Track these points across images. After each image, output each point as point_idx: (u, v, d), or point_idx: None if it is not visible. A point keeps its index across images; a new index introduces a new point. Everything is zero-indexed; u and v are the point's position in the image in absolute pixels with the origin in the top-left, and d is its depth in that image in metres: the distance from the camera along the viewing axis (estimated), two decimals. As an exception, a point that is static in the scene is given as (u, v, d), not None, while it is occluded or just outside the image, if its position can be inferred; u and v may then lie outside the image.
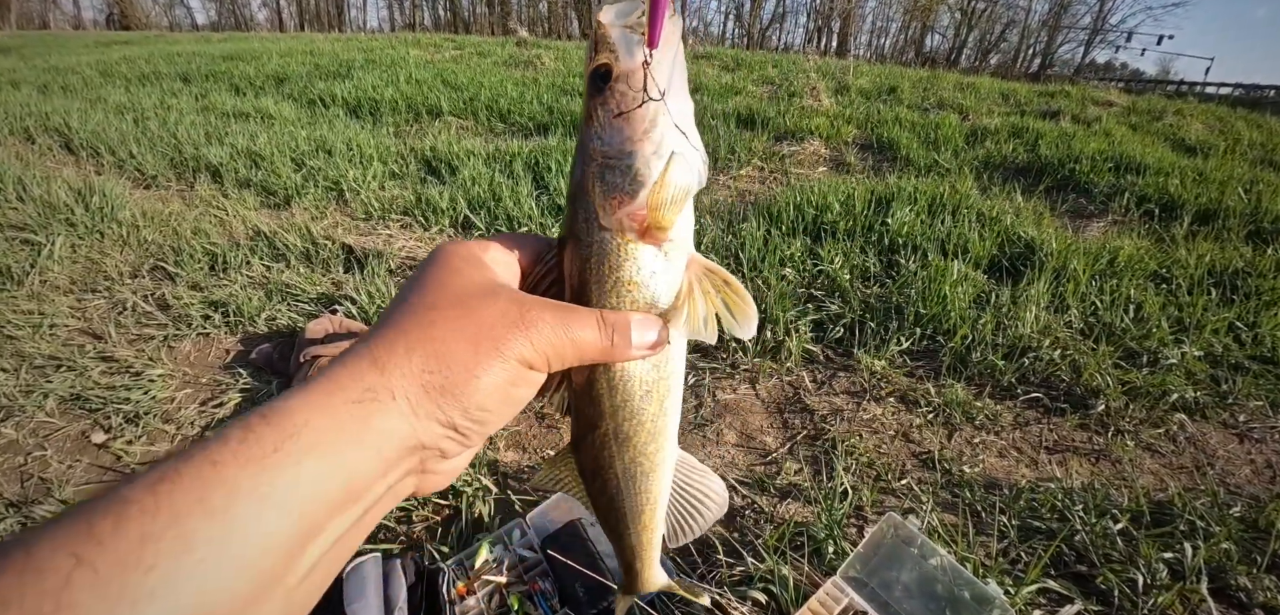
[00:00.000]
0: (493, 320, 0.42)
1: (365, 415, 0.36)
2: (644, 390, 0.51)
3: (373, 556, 1.42)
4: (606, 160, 0.47)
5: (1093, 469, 2.10)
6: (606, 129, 0.47)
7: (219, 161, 5.00)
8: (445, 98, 7.60)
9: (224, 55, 12.20)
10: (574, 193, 0.49)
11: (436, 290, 0.43)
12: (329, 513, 0.34)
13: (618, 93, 0.47)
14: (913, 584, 1.51)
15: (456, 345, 0.40)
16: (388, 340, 0.40)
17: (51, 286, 3.21)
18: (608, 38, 0.48)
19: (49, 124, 6.07)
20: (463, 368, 0.40)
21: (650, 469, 0.55)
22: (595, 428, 0.52)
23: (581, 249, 0.48)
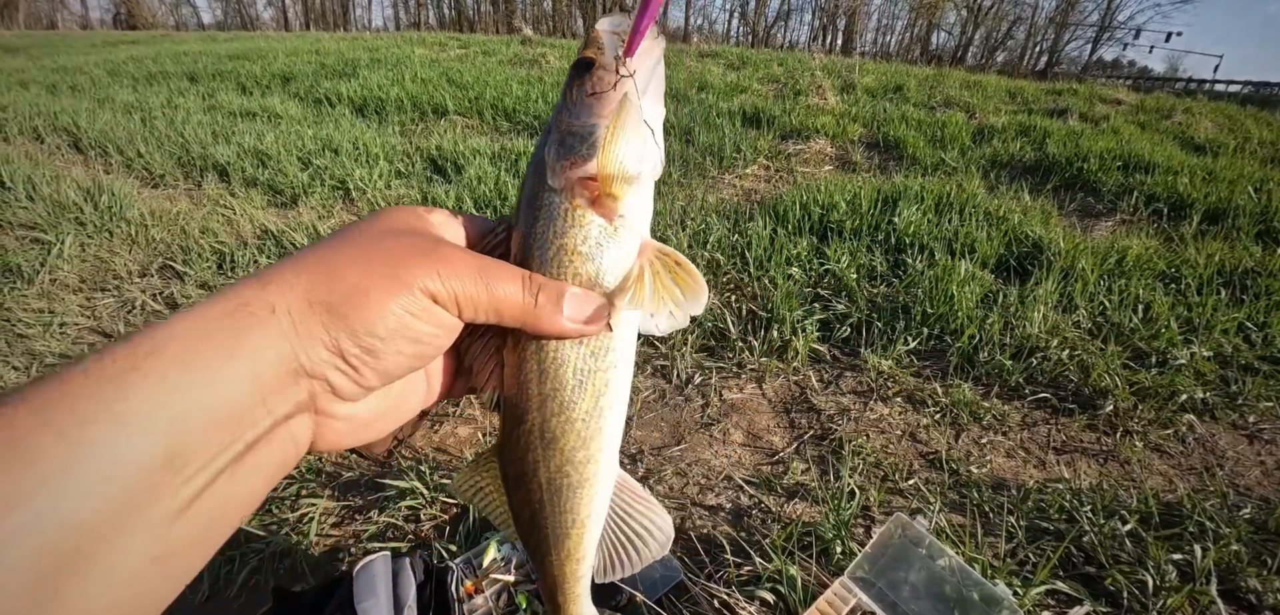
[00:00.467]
0: (400, 249, 0.39)
1: (238, 328, 0.33)
2: (577, 379, 0.46)
3: (382, 555, 1.42)
4: (569, 129, 0.46)
5: (1101, 470, 2.09)
6: (577, 105, 0.46)
7: (226, 161, 5.02)
8: (450, 96, 7.61)
9: (230, 54, 12.24)
10: (531, 164, 0.48)
11: (356, 230, 0.40)
12: (200, 437, 0.31)
13: (595, 77, 0.46)
14: (921, 584, 1.50)
15: (351, 266, 0.37)
16: (279, 264, 0.37)
17: (61, 285, 3.23)
18: (598, 38, 0.48)
19: (57, 123, 6.11)
20: (352, 287, 0.37)
21: (579, 483, 0.48)
22: (521, 422, 0.47)
23: (529, 212, 0.46)
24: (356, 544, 1.80)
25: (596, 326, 0.45)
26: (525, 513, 0.50)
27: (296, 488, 1.96)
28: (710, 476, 2.03)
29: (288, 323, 0.35)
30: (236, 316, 0.33)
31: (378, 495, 1.93)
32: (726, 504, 1.92)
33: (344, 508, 1.92)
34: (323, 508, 1.89)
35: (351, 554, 1.77)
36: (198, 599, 1.65)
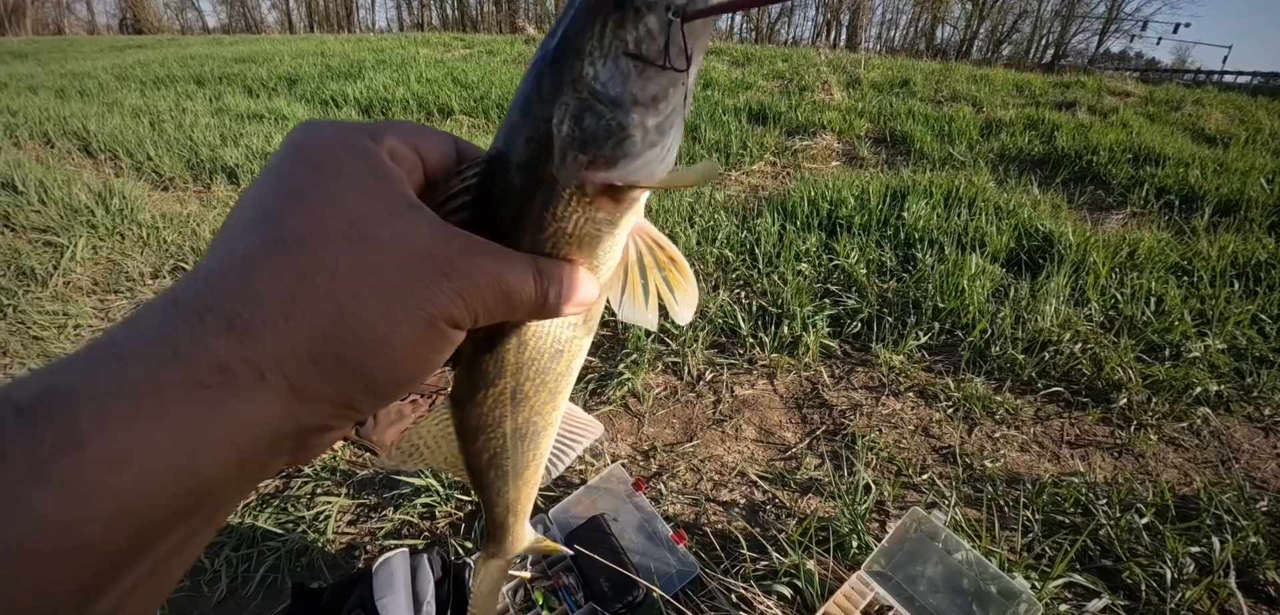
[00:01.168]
0: (410, 262, 0.31)
1: (213, 403, 0.25)
2: (555, 350, 0.44)
3: (401, 552, 1.43)
4: (593, 99, 0.35)
5: (1116, 463, 2.08)
6: (609, 61, 0.35)
7: (235, 163, 5.05)
8: (456, 96, 7.63)
9: (236, 57, 12.29)
10: (529, 108, 0.37)
11: (319, 204, 0.30)
12: (146, 540, 0.24)
13: (643, 28, 0.35)
14: (938, 578, 1.50)
15: (362, 300, 0.29)
16: (247, 286, 0.27)
17: (75, 287, 3.25)
18: None
19: (67, 128, 6.15)
20: (371, 331, 0.29)
21: (543, 427, 0.49)
22: (492, 384, 0.43)
23: (521, 180, 0.37)
24: (372, 541, 1.81)
25: (588, 310, 0.42)
26: (483, 457, 0.49)
27: (312, 486, 1.97)
28: (723, 472, 2.03)
29: (282, 387, 0.27)
30: (212, 390, 0.25)
31: (393, 492, 1.93)
32: (741, 500, 1.93)
33: (360, 505, 1.93)
34: (339, 506, 1.90)
35: (368, 551, 1.78)
36: (216, 597, 1.66)
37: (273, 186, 0.31)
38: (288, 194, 0.30)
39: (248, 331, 0.26)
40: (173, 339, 0.25)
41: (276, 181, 0.31)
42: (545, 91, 0.36)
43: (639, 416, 2.29)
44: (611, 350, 2.63)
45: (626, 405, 2.35)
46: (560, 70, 0.36)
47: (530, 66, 0.38)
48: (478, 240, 0.34)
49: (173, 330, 0.25)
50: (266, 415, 0.27)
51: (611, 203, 0.38)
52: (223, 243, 0.29)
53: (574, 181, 0.37)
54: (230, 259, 0.28)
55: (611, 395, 2.35)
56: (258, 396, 0.26)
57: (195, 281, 0.27)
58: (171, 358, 0.25)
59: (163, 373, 0.24)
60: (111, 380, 0.24)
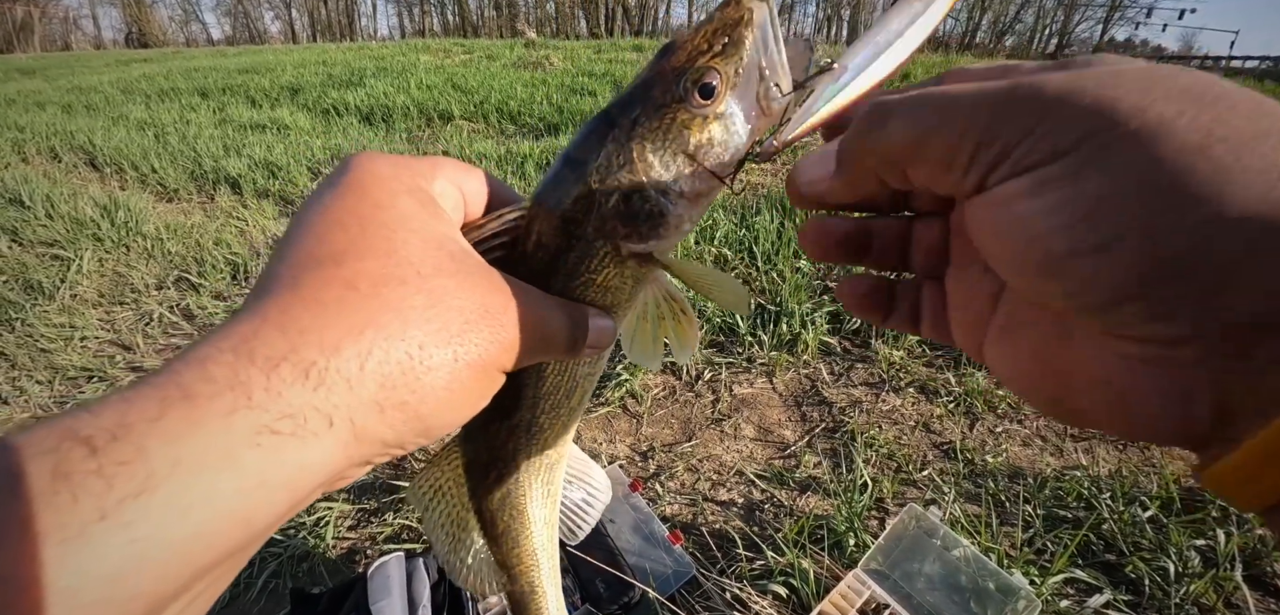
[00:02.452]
0: (470, 312, 0.32)
1: (280, 450, 0.25)
2: (571, 385, 0.46)
3: (396, 556, 1.44)
4: (646, 184, 0.38)
5: (1120, 456, 2.07)
6: (668, 154, 0.38)
7: (238, 173, 5.08)
8: (456, 102, 7.65)
9: (239, 69, 12.37)
10: (579, 169, 0.39)
11: (385, 248, 0.31)
12: (181, 589, 0.24)
13: (706, 135, 0.38)
14: (936, 576, 1.49)
15: (428, 349, 0.30)
16: (323, 335, 0.27)
17: (81, 300, 3.28)
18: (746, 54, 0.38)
19: (74, 142, 6.20)
20: (435, 378, 0.30)
21: (556, 461, 0.50)
22: (508, 417, 0.45)
23: (560, 232, 0.40)
24: (372, 546, 1.82)
25: (606, 350, 0.44)
26: (496, 493, 0.49)
27: (312, 494, 1.98)
28: (722, 472, 2.03)
29: (346, 433, 0.27)
30: (279, 437, 0.25)
31: (392, 497, 1.94)
32: (738, 499, 1.92)
33: (359, 511, 1.94)
34: (338, 511, 1.91)
35: (367, 555, 1.79)
36: (219, 604, 1.66)
37: (335, 222, 0.31)
38: (353, 234, 0.31)
39: (322, 381, 0.27)
40: (248, 387, 0.25)
41: (339, 217, 0.31)
42: (601, 160, 0.38)
43: (637, 417, 2.29)
44: (610, 352, 2.62)
45: (625, 406, 2.34)
46: (621, 147, 0.38)
47: (587, 128, 0.40)
48: (523, 287, 0.36)
49: (247, 378, 0.25)
50: (326, 460, 0.27)
51: (638, 265, 0.41)
52: (288, 276, 0.29)
53: (609, 247, 0.40)
54: (301, 300, 0.28)
55: (610, 396, 2.35)
56: (322, 443, 0.27)
57: (266, 323, 0.27)
58: (245, 405, 0.25)
59: (235, 420, 0.24)
60: (182, 424, 0.23)
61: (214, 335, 0.27)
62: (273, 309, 0.28)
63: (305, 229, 0.31)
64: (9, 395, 2.54)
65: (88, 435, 0.22)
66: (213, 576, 0.25)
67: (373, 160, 0.34)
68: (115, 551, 0.21)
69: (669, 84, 0.38)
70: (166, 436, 0.23)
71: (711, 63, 0.37)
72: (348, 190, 0.32)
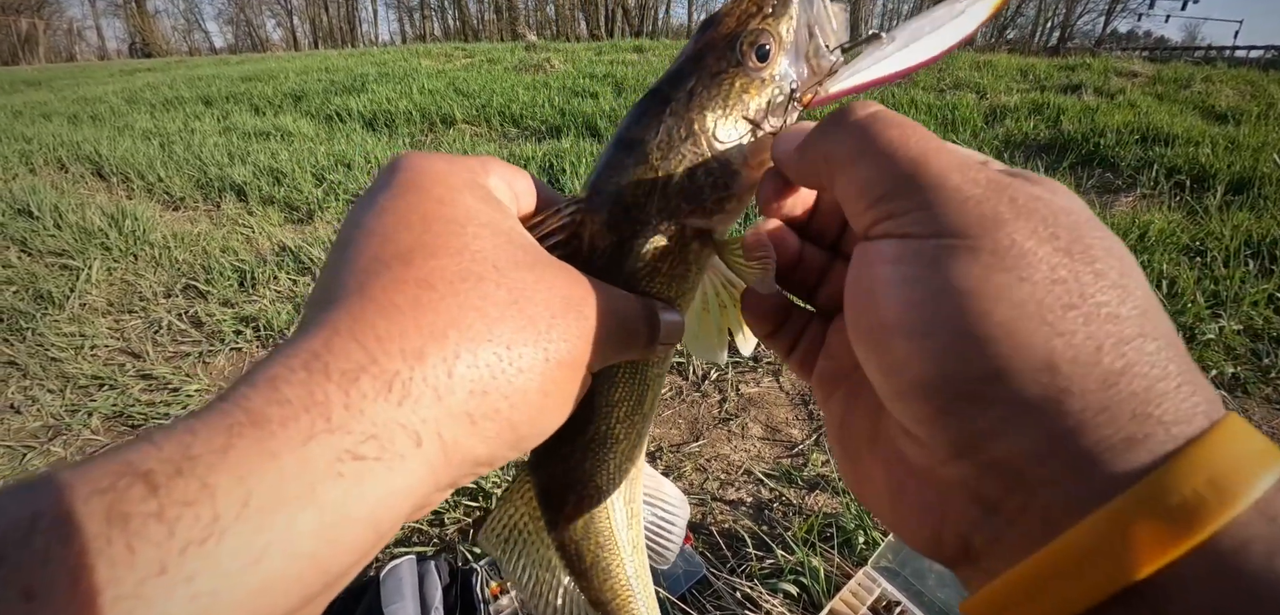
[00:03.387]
0: (555, 306, 0.29)
1: (361, 476, 0.22)
2: (643, 387, 0.43)
3: (407, 559, 1.44)
4: (707, 158, 0.37)
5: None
6: (730, 120, 0.37)
7: (243, 180, 5.10)
8: (458, 106, 7.67)
9: (243, 76, 12.42)
10: (637, 149, 0.38)
11: (456, 245, 0.28)
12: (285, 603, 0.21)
13: (765, 98, 0.38)
14: (947, 573, 1.49)
15: (518, 347, 0.27)
16: (403, 340, 0.24)
17: (91, 309, 3.30)
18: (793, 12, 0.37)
19: (81, 153, 6.24)
20: (528, 380, 0.27)
21: (635, 474, 0.46)
22: (581, 432, 0.41)
23: (622, 218, 0.38)
24: (383, 548, 1.82)
25: (674, 347, 0.41)
26: (578, 521, 0.45)
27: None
28: (730, 471, 2.03)
29: (436, 451, 0.24)
30: (363, 462, 0.22)
31: (402, 502, 1.95)
32: (747, 498, 1.92)
33: (369, 516, 1.94)
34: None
35: (378, 558, 1.79)
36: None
37: (397, 221, 0.28)
38: (418, 232, 0.28)
39: (408, 393, 0.23)
40: (326, 407, 0.22)
41: (401, 216, 0.28)
42: (660, 136, 0.37)
43: (645, 418, 2.29)
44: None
45: (633, 407, 2.35)
46: (681, 119, 0.37)
47: (639, 109, 0.38)
48: (596, 281, 0.33)
49: (325, 396, 0.22)
50: (414, 485, 0.24)
51: (700, 246, 0.40)
52: (353, 282, 0.26)
53: (674, 228, 0.38)
54: (374, 305, 0.25)
55: (618, 398, 2.35)
56: (409, 465, 0.23)
57: (338, 333, 0.24)
58: (324, 428, 0.21)
59: (313, 447, 0.21)
60: (254, 455, 0.20)
61: (280, 352, 0.24)
62: (343, 318, 0.24)
63: (364, 231, 0.28)
64: (21, 405, 2.55)
65: (148, 469, 0.19)
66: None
67: (426, 158, 0.32)
68: (175, 610, 0.18)
69: (722, 51, 0.37)
70: (236, 470, 0.20)
71: (764, 24, 0.37)
72: (405, 188, 0.30)
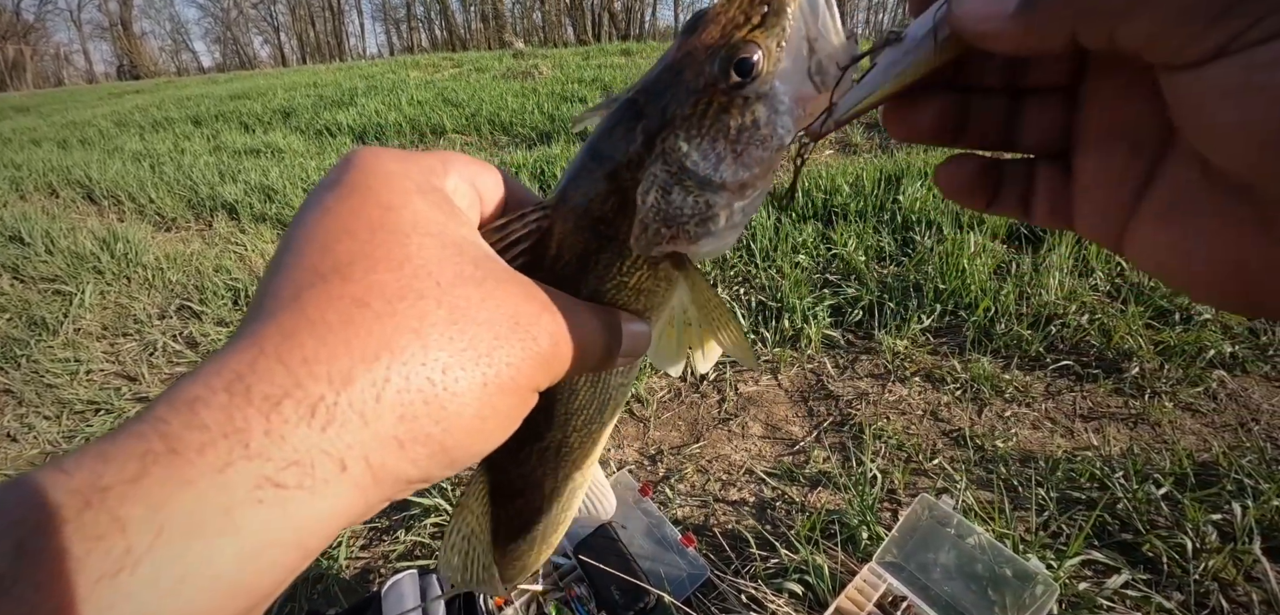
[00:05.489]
0: (501, 327, 0.28)
1: (285, 505, 0.22)
2: (603, 400, 0.42)
3: (410, 573, 1.43)
4: (684, 175, 0.35)
5: (1131, 434, 2.06)
6: (707, 142, 0.34)
7: (234, 199, 5.08)
8: (447, 116, 7.66)
9: (231, 95, 12.40)
10: (606, 162, 0.36)
11: (399, 256, 0.27)
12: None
13: (749, 117, 0.34)
14: (951, 565, 1.49)
15: (454, 373, 0.26)
16: (331, 364, 0.23)
17: (85, 333, 3.28)
18: (788, 24, 0.33)
19: (71, 177, 6.21)
20: (463, 406, 0.26)
21: (579, 485, 0.47)
22: (538, 440, 0.41)
23: (591, 233, 0.36)
24: (386, 564, 1.81)
25: (639, 358, 0.40)
26: (518, 521, 0.46)
27: (322, 516, 1.98)
28: (731, 472, 2.02)
29: (363, 475, 0.24)
30: (284, 490, 0.22)
31: (403, 514, 1.93)
32: (749, 498, 1.91)
33: (371, 529, 1.93)
34: (350, 532, 1.90)
35: (381, 573, 1.78)
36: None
37: (340, 228, 0.27)
38: (361, 242, 0.27)
39: (332, 419, 0.23)
40: (245, 433, 0.21)
41: (344, 223, 0.27)
42: (631, 153, 0.35)
43: (644, 421, 2.28)
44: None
45: (631, 410, 2.34)
46: (651, 137, 0.34)
47: (612, 118, 0.36)
48: (553, 293, 0.31)
49: (245, 422, 0.22)
50: (340, 509, 0.23)
51: (675, 267, 0.38)
52: (288, 293, 0.25)
53: (648, 244, 0.36)
54: (305, 322, 0.24)
55: (616, 402, 2.34)
56: (334, 490, 0.23)
57: (263, 354, 0.23)
58: (242, 455, 0.21)
59: (230, 474, 0.21)
60: (168, 484, 0.20)
61: (205, 368, 0.23)
62: (271, 335, 0.24)
63: (305, 237, 0.27)
64: (17, 432, 2.53)
65: (57, 502, 0.19)
66: None
67: (378, 156, 0.30)
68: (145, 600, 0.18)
69: (701, 65, 0.33)
70: (148, 501, 0.19)
71: (750, 36, 0.33)
72: (352, 191, 0.28)
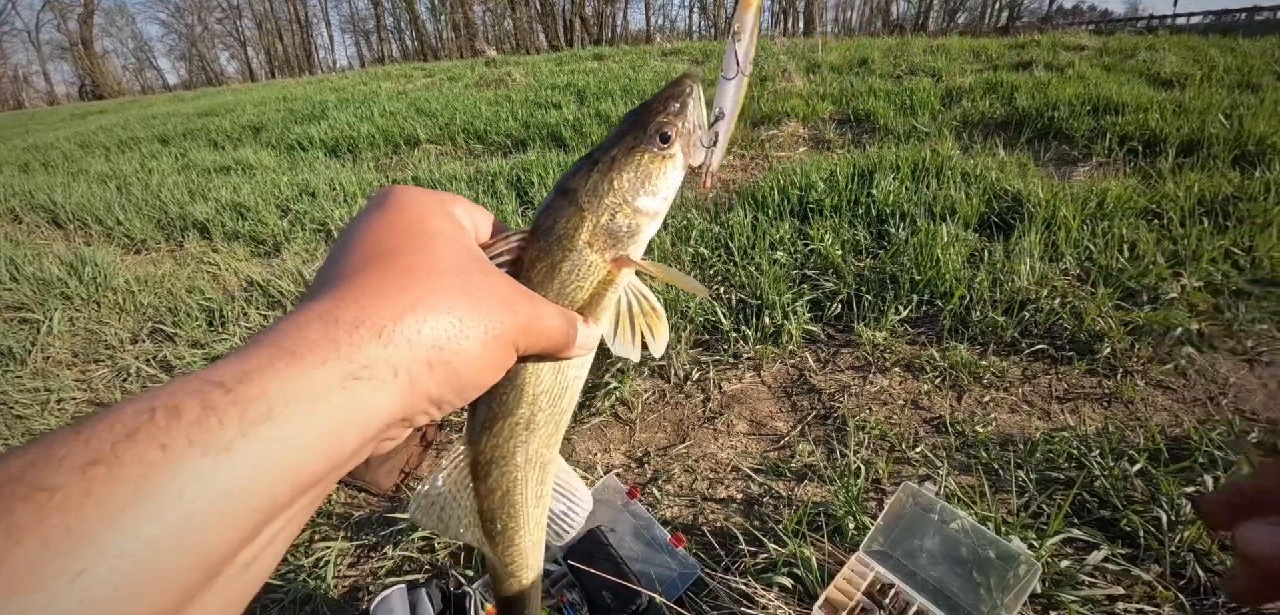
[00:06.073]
0: (495, 301, 0.40)
1: (357, 395, 0.32)
2: (563, 384, 0.54)
3: (398, 589, 1.42)
4: (621, 207, 0.51)
5: (1106, 413, 2.11)
6: (639, 182, 0.52)
7: (205, 217, 5.00)
8: (421, 126, 7.60)
9: (199, 112, 12.19)
10: (573, 196, 0.51)
11: (425, 247, 0.40)
12: (291, 499, 0.30)
13: (665, 167, 0.53)
14: (937, 550, 1.51)
15: (467, 323, 0.38)
16: (388, 305, 0.35)
17: (54, 362, 3.20)
18: (689, 115, 0.53)
19: (34, 202, 6.06)
20: (470, 345, 0.38)
21: (549, 459, 0.57)
22: (509, 415, 0.52)
23: (557, 248, 0.50)
24: (375, 581, 1.79)
25: (592, 349, 0.53)
26: (497, 493, 0.55)
27: (309, 533, 1.95)
28: (718, 470, 2.03)
29: (406, 383, 0.34)
30: (360, 382, 0.32)
31: (391, 530, 1.92)
32: (737, 495, 1.93)
33: (358, 547, 1.91)
34: (338, 550, 1.88)
35: (371, 591, 1.76)
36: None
37: (386, 231, 0.40)
38: (400, 239, 0.39)
39: (391, 340, 0.34)
40: (336, 344, 0.32)
41: (388, 228, 0.40)
42: (588, 186, 0.51)
43: (630, 424, 2.29)
44: (597, 361, 2.62)
45: (617, 413, 2.34)
46: (606, 176, 0.51)
47: (578, 164, 0.53)
48: (531, 292, 0.46)
49: (335, 337, 0.32)
50: (390, 406, 0.34)
51: (617, 272, 0.52)
52: (356, 266, 0.37)
53: (598, 254, 0.51)
54: (370, 281, 0.36)
55: (600, 406, 2.34)
56: (387, 390, 0.33)
57: (344, 299, 0.35)
58: (335, 357, 0.32)
59: (328, 368, 0.31)
60: (291, 371, 0.30)
61: (301, 309, 0.34)
62: (349, 288, 0.36)
63: (361, 236, 0.40)
64: (-16, 468, 2.46)
65: (219, 379, 0.28)
66: (305, 501, 0.31)
67: (408, 190, 0.44)
68: (254, 462, 0.27)
69: (639, 134, 0.52)
70: (280, 379, 0.29)
71: (670, 120, 0.52)
72: (392, 210, 0.42)
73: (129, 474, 0.24)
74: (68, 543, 0.22)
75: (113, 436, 0.25)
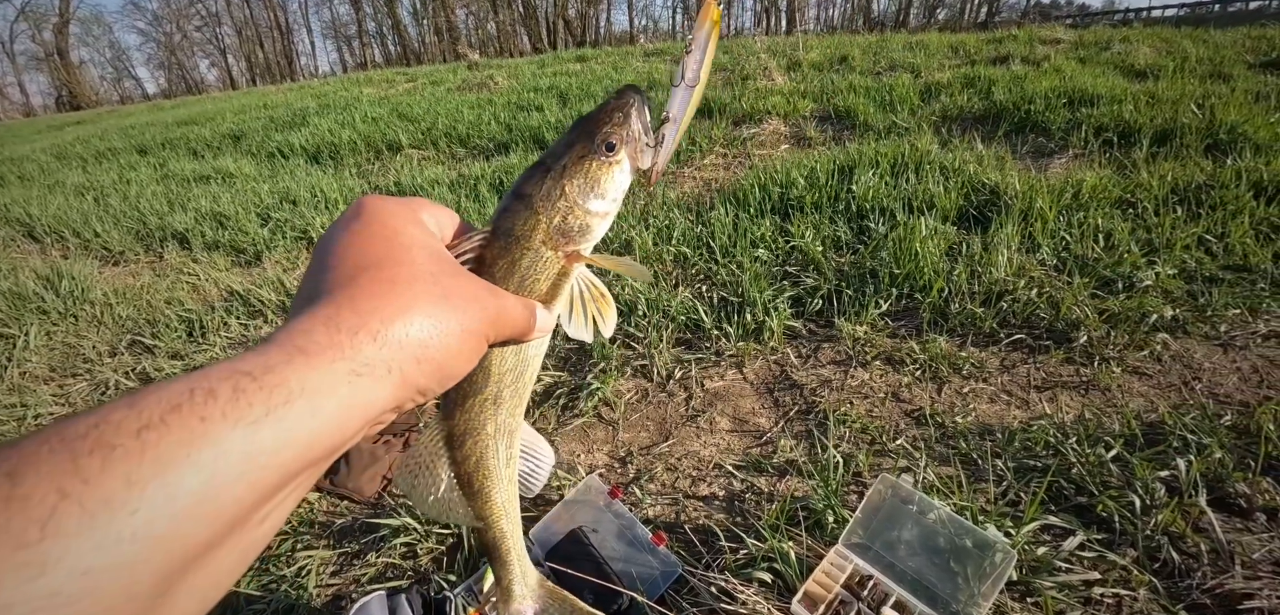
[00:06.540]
0: (467, 301, 0.46)
1: (359, 388, 0.38)
2: (524, 362, 0.61)
3: (377, 596, 1.41)
4: (572, 209, 0.57)
5: (1083, 400, 2.13)
6: (588, 186, 0.57)
7: (185, 228, 4.94)
8: (403, 131, 7.56)
9: (178, 121, 12.05)
10: (529, 200, 0.57)
11: (405, 258, 0.45)
12: (304, 468, 0.35)
13: (618, 171, 0.58)
14: (915, 541, 1.52)
15: (444, 322, 0.43)
16: (380, 313, 0.40)
17: (31, 377, 3.16)
18: (632, 125, 0.59)
19: (9, 215, 5.97)
20: (449, 341, 0.43)
21: (515, 427, 0.64)
22: (479, 392, 0.59)
23: (515, 246, 0.56)
24: (357, 588, 1.78)
25: (548, 332, 0.59)
26: (472, 459, 0.62)
27: (291, 543, 1.94)
28: (701, 467, 2.04)
29: (398, 377, 0.40)
30: (361, 378, 0.38)
31: (372, 537, 1.91)
32: (720, 492, 1.93)
33: (341, 555, 1.90)
34: (319, 558, 1.87)
35: (353, 599, 1.75)
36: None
37: (366, 243, 0.45)
38: (381, 250, 0.44)
39: (385, 342, 0.39)
40: (340, 345, 0.38)
41: (367, 240, 0.45)
42: (543, 191, 0.57)
43: (612, 424, 2.29)
44: (580, 363, 2.62)
45: (599, 414, 2.34)
46: (558, 182, 0.57)
47: (532, 169, 0.58)
48: (496, 288, 0.51)
49: (338, 340, 0.38)
50: (384, 396, 0.39)
51: (570, 264, 0.58)
52: (345, 278, 0.42)
53: (554, 248, 0.57)
54: (361, 291, 0.41)
55: (583, 407, 2.34)
56: (383, 384, 0.39)
57: (341, 307, 0.40)
58: (339, 356, 0.37)
59: (335, 365, 0.37)
60: (304, 366, 0.35)
61: (302, 318, 0.39)
62: (345, 296, 0.41)
63: (344, 247, 0.45)
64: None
65: (247, 370, 0.33)
66: (308, 474, 0.36)
67: (379, 200, 0.49)
68: (275, 436, 0.33)
69: (587, 143, 0.57)
70: (298, 372, 0.35)
71: (613, 129, 0.57)
72: (367, 222, 0.46)
73: (176, 437, 0.29)
74: (127, 490, 0.27)
75: (161, 408, 0.30)
